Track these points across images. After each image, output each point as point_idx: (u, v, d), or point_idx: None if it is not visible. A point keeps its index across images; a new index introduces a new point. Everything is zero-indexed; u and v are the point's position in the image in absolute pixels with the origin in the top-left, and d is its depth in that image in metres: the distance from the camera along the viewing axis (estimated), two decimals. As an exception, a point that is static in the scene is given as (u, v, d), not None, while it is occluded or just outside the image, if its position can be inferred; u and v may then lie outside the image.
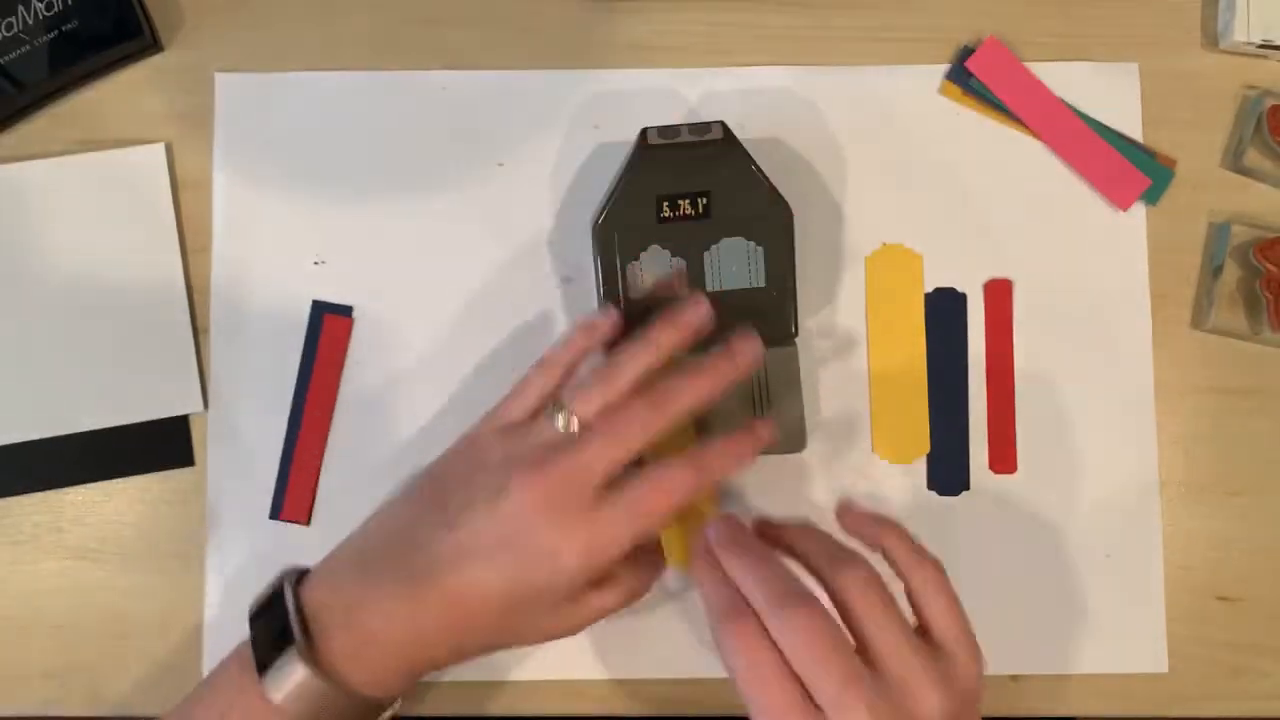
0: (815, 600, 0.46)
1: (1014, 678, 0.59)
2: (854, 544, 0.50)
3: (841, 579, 0.47)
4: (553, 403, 0.51)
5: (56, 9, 0.58)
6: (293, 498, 0.59)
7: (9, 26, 0.57)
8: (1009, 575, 0.59)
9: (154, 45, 0.61)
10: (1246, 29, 0.60)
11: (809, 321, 0.60)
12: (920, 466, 0.60)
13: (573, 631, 0.51)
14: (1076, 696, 0.59)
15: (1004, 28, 0.61)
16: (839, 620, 0.46)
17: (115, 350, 0.59)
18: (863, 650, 0.46)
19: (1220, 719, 0.59)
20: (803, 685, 0.44)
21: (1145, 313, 0.60)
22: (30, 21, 0.58)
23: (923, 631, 0.48)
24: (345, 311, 0.60)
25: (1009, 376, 0.60)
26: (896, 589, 0.48)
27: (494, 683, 0.59)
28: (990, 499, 0.59)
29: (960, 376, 0.60)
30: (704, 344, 0.57)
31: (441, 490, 0.51)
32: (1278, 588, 0.59)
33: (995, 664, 0.58)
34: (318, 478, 0.59)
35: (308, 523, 0.59)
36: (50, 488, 0.59)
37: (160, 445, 0.59)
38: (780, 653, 0.45)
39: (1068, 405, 0.60)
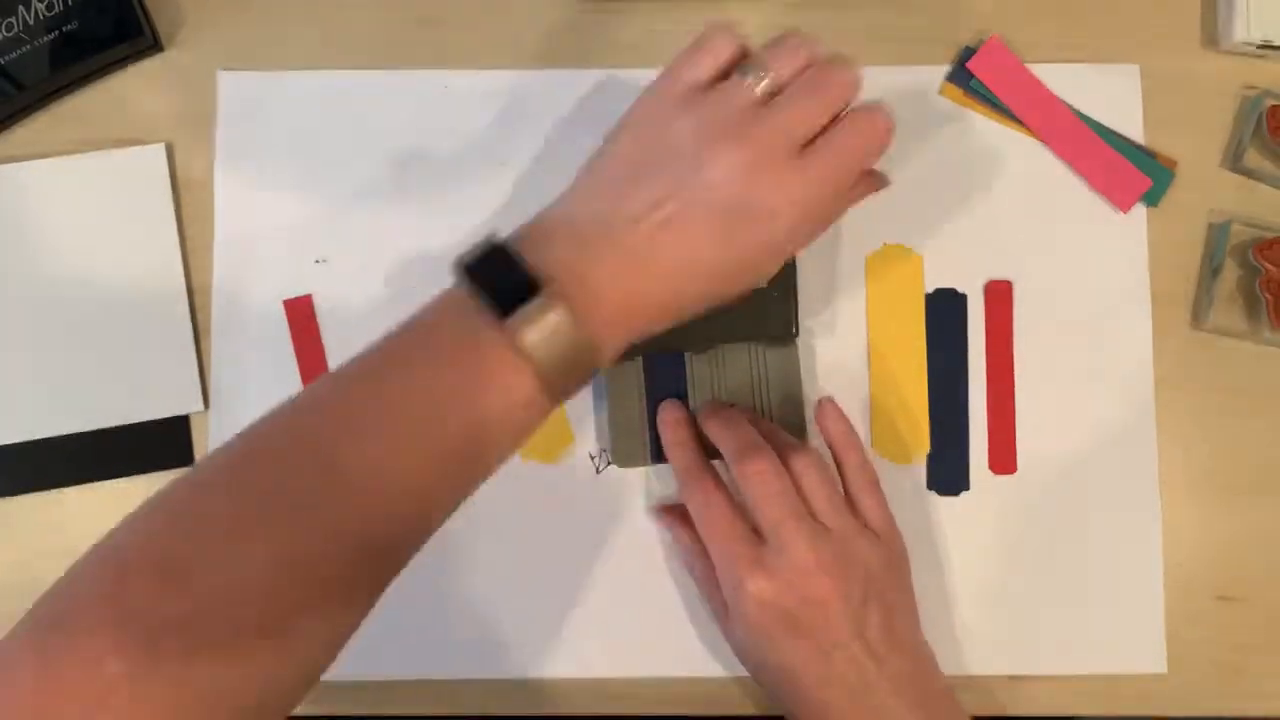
0: (771, 453, 0.54)
1: (1013, 678, 0.59)
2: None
3: (793, 457, 0.54)
4: (746, 62, 0.49)
5: (56, 9, 0.58)
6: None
7: (9, 27, 0.57)
8: (1009, 576, 0.59)
9: (154, 45, 0.60)
10: (1246, 29, 0.60)
11: (809, 321, 0.60)
12: (920, 467, 0.60)
13: (782, 262, 0.50)
14: (1076, 696, 0.59)
15: (1005, 28, 0.61)
16: None
17: (115, 350, 0.59)
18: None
19: (1220, 719, 0.59)
20: (751, 525, 0.53)
21: (1145, 313, 0.60)
22: (30, 21, 0.58)
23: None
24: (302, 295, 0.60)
25: (1009, 377, 0.60)
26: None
27: (494, 682, 0.59)
28: (990, 499, 0.59)
29: (960, 377, 0.60)
30: (703, 345, 0.57)
31: (633, 170, 0.48)
32: (1278, 588, 0.60)
33: (995, 664, 0.59)
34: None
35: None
36: (50, 488, 0.59)
37: (160, 445, 0.59)
38: (730, 497, 0.54)
39: (1068, 406, 0.60)
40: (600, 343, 0.46)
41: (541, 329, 0.44)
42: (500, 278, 0.45)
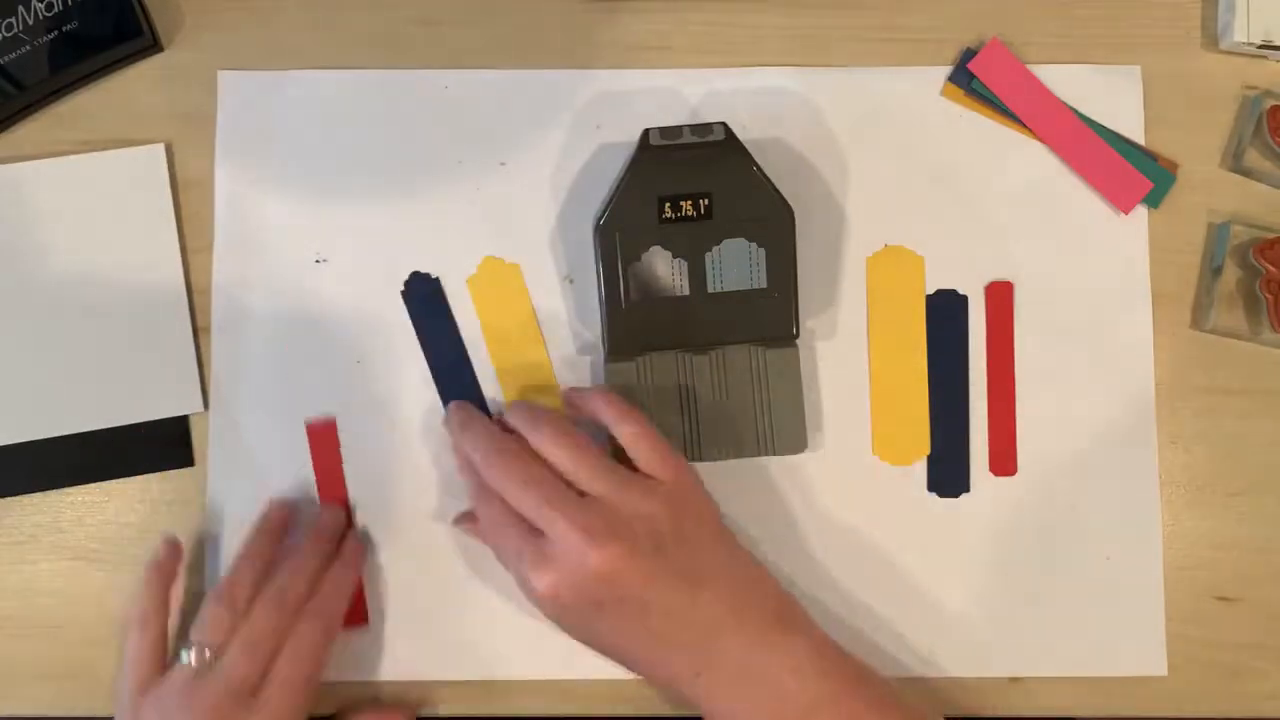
0: (515, 449, 0.54)
1: (1014, 679, 0.59)
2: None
3: (535, 436, 0.54)
4: (181, 644, 0.53)
5: (56, 9, 0.58)
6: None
7: (9, 27, 0.57)
8: (1009, 577, 0.59)
9: (154, 45, 0.60)
10: (1246, 30, 0.60)
11: (810, 322, 0.60)
12: (920, 468, 0.60)
13: None
14: (1076, 697, 0.59)
15: (1005, 29, 0.61)
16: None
17: (115, 350, 0.59)
18: (571, 484, 0.53)
19: (1219, 719, 0.59)
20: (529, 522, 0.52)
21: (1146, 314, 0.60)
22: (30, 22, 0.58)
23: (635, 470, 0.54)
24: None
25: (1009, 378, 0.60)
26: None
27: (494, 682, 0.59)
28: (990, 501, 0.59)
29: (961, 378, 0.60)
30: (704, 346, 0.57)
31: None
32: (1277, 588, 0.60)
33: (995, 665, 0.59)
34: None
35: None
36: (50, 488, 0.59)
37: (160, 445, 0.59)
38: (505, 501, 0.53)
39: (1068, 407, 0.60)
40: None
41: None
42: None
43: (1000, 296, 0.60)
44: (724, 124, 0.56)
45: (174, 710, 0.51)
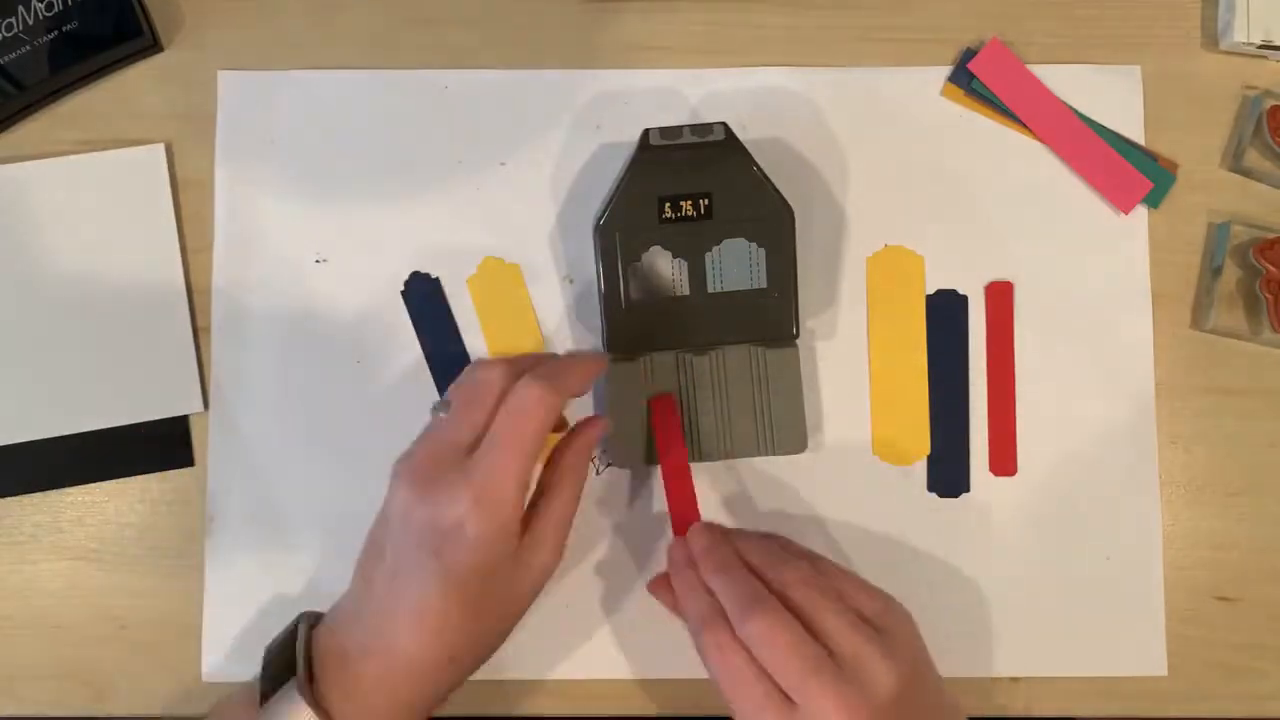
0: (774, 603, 0.50)
1: (1014, 679, 0.59)
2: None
3: (783, 579, 0.51)
4: (435, 403, 0.54)
5: (56, 9, 0.58)
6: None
7: (9, 27, 0.57)
8: (1009, 577, 0.59)
9: (154, 45, 0.60)
10: (1246, 29, 0.60)
11: (810, 322, 0.60)
12: (920, 468, 0.60)
13: (536, 594, 0.53)
14: (1076, 697, 0.59)
15: (1005, 29, 0.61)
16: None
17: (115, 350, 0.59)
18: (819, 640, 0.49)
19: (1219, 719, 0.59)
20: (776, 683, 0.48)
21: (1146, 314, 0.60)
22: (30, 22, 0.58)
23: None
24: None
25: (1010, 379, 0.60)
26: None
27: (493, 682, 0.59)
28: (990, 501, 0.59)
29: (961, 378, 0.60)
30: (704, 346, 0.57)
31: (370, 537, 0.53)
32: (1277, 588, 0.60)
33: (996, 666, 0.59)
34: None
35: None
36: (50, 488, 0.59)
37: (160, 445, 0.59)
38: (751, 655, 0.49)
39: (1068, 407, 0.60)
40: None
41: (279, 718, 0.48)
42: (279, 666, 0.50)
43: (1000, 296, 0.60)
44: (724, 124, 0.56)
45: (405, 468, 0.51)
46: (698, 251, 0.56)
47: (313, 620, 0.53)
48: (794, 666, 0.48)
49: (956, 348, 0.60)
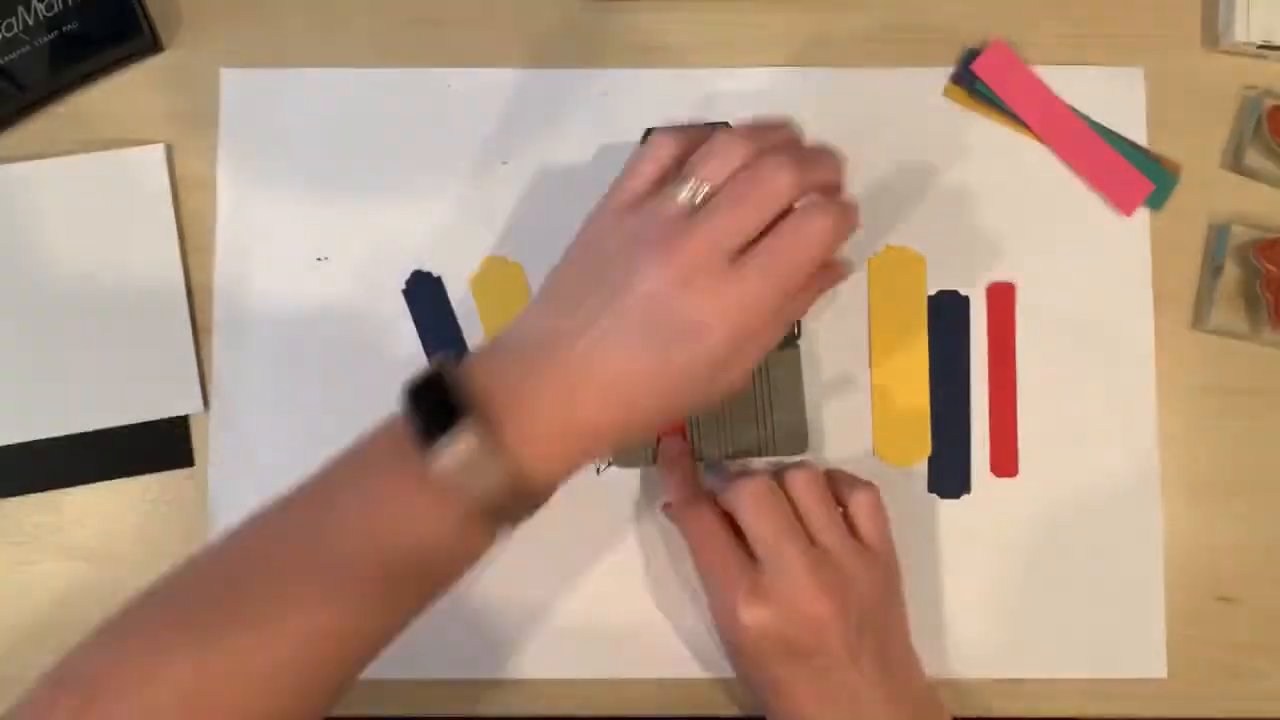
0: (765, 475, 0.53)
1: (1014, 680, 0.59)
2: None
3: (790, 477, 0.53)
4: (678, 171, 0.48)
5: (56, 9, 0.58)
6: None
7: (9, 27, 0.57)
8: (1009, 578, 0.59)
9: (154, 45, 0.60)
10: (1247, 29, 0.60)
11: (811, 323, 0.60)
12: (921, 469, 0.60)
13: (742, 380, 0.49)
14: (1076, 697, 0.59)
15: (1007, 30, 0.61)
16: None
17: (115, 350, 0.59)
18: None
19: (1219, 719, 0.59)
20: (745, 545, 0.52)
21: (1147, 315, 0.60)
22: (30, 22, 0.57)
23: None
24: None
25: (1011, 379, 0.60)
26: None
27: (491, 682, 0.59)
28: (991, 502, 0.59)
29: (962, 379, 0.60)
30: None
31: (574, 288, 0.48)
32: (1278, 588, 0.60)
33: (995, 667, 0.59)
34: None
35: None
36: (50, 488, 0.59)
37: (160, 445, 0.59)
38: (725, 518, 0.53)
39: (1069, 408, 0.60)
40: (533, 469, 0.45)
41: (457, 458, 0.44)
42: (433, 405, 0.45)
43: (1002, 298, 0.60)
44: (726, 124, 0.56)
45: (651, 243, 0.46)
46: (699, 252, 0.56)
47: (454, 360, 0.48)
48: (770, 526, 0.52)
49: (958, 349, 0.60)
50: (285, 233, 0.60)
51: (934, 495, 0.60)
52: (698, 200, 0.47)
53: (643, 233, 0.47)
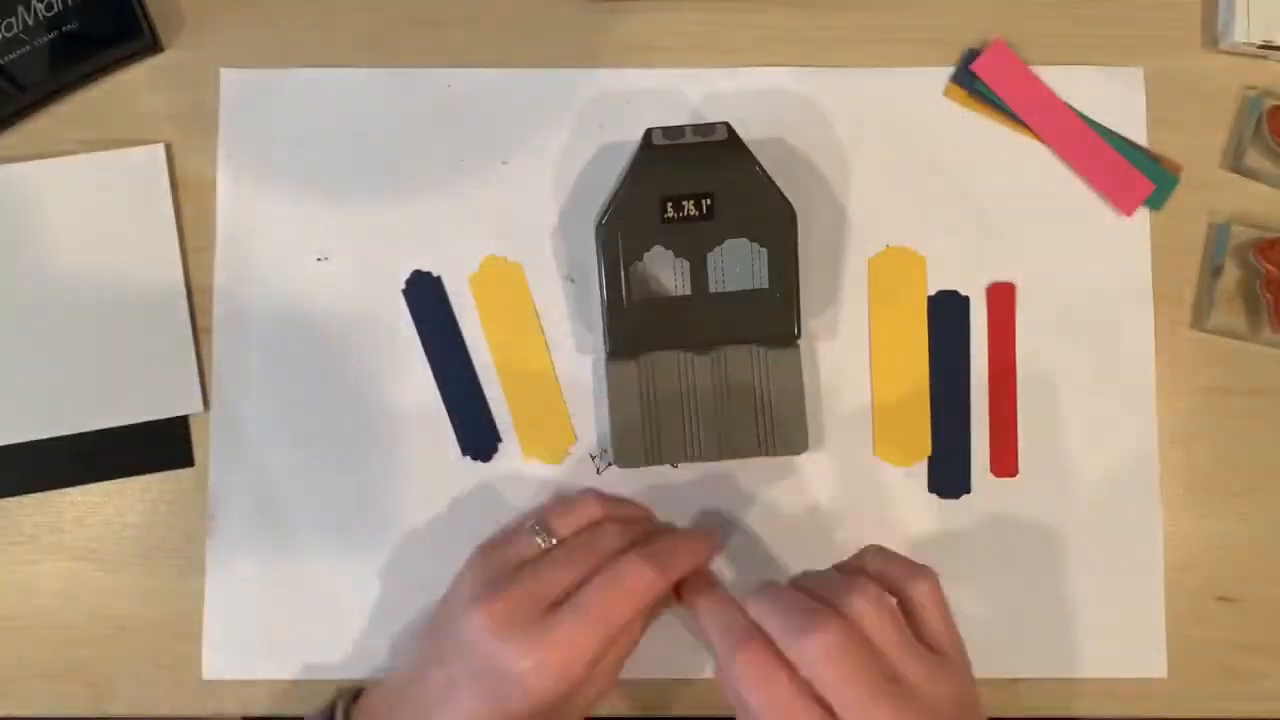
0: (834, 616, 0.45)
1: (1014, 680, 0.59)
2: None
3: (857, 612, 0.46)
4: (536, 520, 0.53)
5: (56, 9, 0.58)
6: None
7: (9, 27, 0.57)
8: (1009, 578, 0.59)
9: (154, 45, 0.60)
10: (1247, 30, 0.60)
11: (811, 323, 0.60)
12: (921, 469, 0.60)
13: (584, 716, 0.52)
14: (1076, 697, 0.59)
15: (1007, 30, 0.61)
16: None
17: (115, 350, 0.59)
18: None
19: (1219, 719, 0.59)
20: (826, 707, 0.44)
21: (1147, 315, 0.60)
22: (30, 22, 0.57)
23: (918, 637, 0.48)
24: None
25: (1011, 379, 0.60)
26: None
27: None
28: (991, 502, 0.59)
29: (962, 379, 0.60)
30: (705, 346, 0.57)
31: (437, 625, 0.53)
32: (1278, 588, 0.60)
33: (996, 667, 0.59)
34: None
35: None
36: (50, 488, 0.59)
37: (160, 445, 0.59)
38: (799, 677, 0.45)
39: (1069, 408, 0.60)
40: None
41: None
42: None
43: (1002, 297, 0.60)
44: (726, 124, 0.56)
45: (487, 585, 0.50)
46: (699, 251, 0.56)
47: (351, 694, 0.53)
48: (856, 684, 0.44)
49: (958, 349, 0.60)
50: (285, 233, 0.60)
51: (934, 495, 0.60)
52: (545, 546, 0.52)
53: (485, 576, 0.51)
